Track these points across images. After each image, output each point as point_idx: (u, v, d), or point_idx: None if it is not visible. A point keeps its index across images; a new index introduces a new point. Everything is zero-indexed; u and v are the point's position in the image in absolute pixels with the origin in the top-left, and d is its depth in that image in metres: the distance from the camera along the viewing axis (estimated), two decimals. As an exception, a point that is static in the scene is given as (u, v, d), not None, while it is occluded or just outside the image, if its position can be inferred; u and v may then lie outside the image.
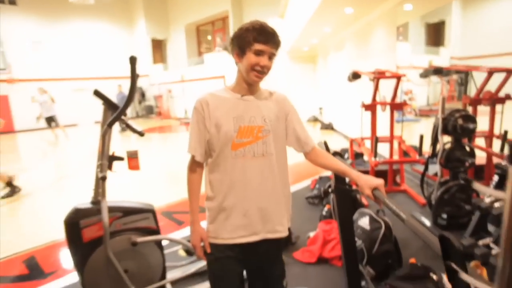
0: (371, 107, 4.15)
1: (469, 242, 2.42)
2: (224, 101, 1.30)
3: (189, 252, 2.53)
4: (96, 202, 1.92)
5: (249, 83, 1.30)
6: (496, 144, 4.45)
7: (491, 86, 4.09)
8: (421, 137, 3.57)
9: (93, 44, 17.11)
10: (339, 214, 1.69)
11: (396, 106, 4.12)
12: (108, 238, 1.85)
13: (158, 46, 19.32)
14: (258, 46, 1.22)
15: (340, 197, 1.67)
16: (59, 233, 2.32)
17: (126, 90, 9.08)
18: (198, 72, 15.74)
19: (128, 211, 2.01)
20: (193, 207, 1.35)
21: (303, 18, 7.27)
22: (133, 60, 1.70)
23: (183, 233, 3.24)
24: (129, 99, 1.76)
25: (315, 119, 12.62)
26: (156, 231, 2.10)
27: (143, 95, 18.63)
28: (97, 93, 1.87)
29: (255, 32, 1.22)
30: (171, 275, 2.30)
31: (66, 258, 2.84)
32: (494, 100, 4.09)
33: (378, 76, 4.02)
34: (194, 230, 1.34)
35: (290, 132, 1.38)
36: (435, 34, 19.14)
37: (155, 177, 5.82)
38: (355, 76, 4.77)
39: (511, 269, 0.53)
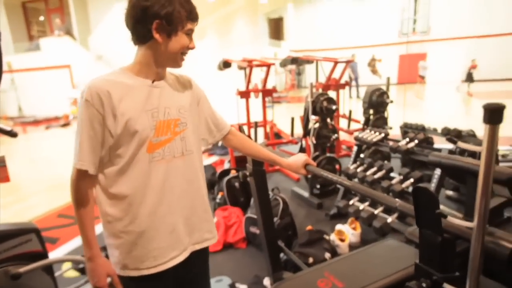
0: (245, 94, 4.39)
1: (343, 204, 2.89)
2: (131, 89, 0.99)
3: (84, 270, 2.15)
4: None
5: (162, 68, 1.05)
6: (343, 122, 5.44)
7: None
8: (292, 120, 4.02)
9: None
10: (258, 195, 1.76)
11: (267, 93, 4.49)
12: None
13: (-36, 26, 14.99)
14: (190, 25, 1.01)
15: (258, 178, 1.74)
16: None
17: None
18: (33, 60, 13.00)
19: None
20: (90, 236, 1.03)
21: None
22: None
23: (62, 251, 2.74)
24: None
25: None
26: (43, 254, 1.70)
27: None
28: None
29: (188, 7, 0.99)
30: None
31: None
32: (339, 85, 4.97)
33: (252, 64, 4.27)
34: (96, 267, 1.03)
35: (202, 122, 1.19)
36: (276, 29, 21.56)
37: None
38: (226, 64, 4.92)
39: (485, 206, 0.66)
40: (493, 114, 0.49)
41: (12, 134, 1.50)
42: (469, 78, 12.68)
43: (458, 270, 0.79)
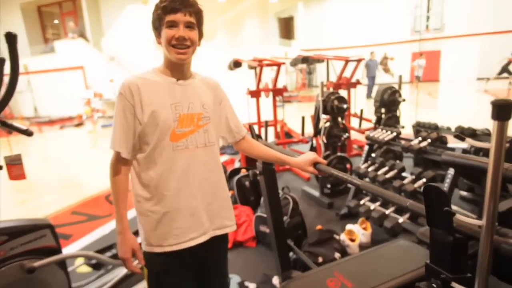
0: (255, 94, 4.39)
1: (354, 203, 2.86)
2: (158, 85, 1.13)
3: (95, 266, 2.19)
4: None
5: (177, 65, 1.14)
6: (353, 121, 5.39)
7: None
8: (303, 119, 4.00)
9: None
10: (268, 194, 1.76)
11: (278, 92, 4.48)
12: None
13: (-17, 29, 15.42)
14: (169, 17, 1.07)
15: (268, 177, 1.74)
16: None
17: None
18: (48, 62, 13.28)
19: (15, 232, 1.60)
20: (121, 212, 1.15)
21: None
22: (12, 38, 1.33)
23: (75, 247, 2.80)
24: (10, 90, 1.37)
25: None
26: (57, 250, 1.74)
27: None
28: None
29: (163, 4, 1.08)
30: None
31: None
32: (350, 84, 4.92)
33: (262, 64, 4.27)
34: (124, 240, 1.15)
35: (223, 121, 1.29)
36: (286, 28, 21.50)
37: (12, 190, 4.74)
38: (236, 64, 4.94)
39: (494, 204, 0.65)
40: (502, 110, 0.48)
41: (28, 133, 1.54)
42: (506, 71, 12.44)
43: (471, 272, 0.77)
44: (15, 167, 1.61)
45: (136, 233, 1.23)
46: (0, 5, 15.21)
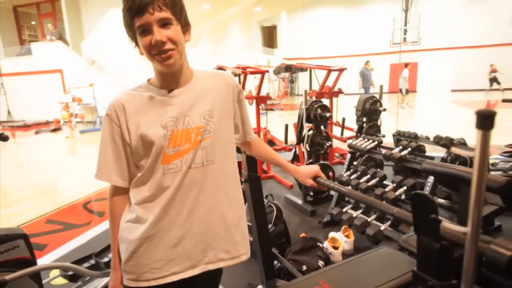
0: (239, 101, 4.39)
1: (337, 211, 2.88)
2: (147, 101, 0.97)
3: (72, 278, 2.09)
4: None
5: (169, 74, 0.97)
6: (336, 130, 5.47)
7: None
8: (286, 127, 4.03)
9: None
10: (253, 201, 1.74)
11: (261, 100, 4.50)
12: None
13: (-45, 29, 14.78)
14: (138, 21, 0.89)
15: (253, 185, 1.73)
16: None
17: None
18: (24, 64, 12.85)
19: (-14, 243, 1.51)
20: (115, 245, 1.04)
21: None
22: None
23: (51, 258, 2.68)
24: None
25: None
26: (31, 261, 1.65)
27: None
28: None
29: (127, 5, 0.88)
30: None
31: None
32: (332, 93, 5.01)
33: (246, 71, 4.28)
34: (112, 276, 1.05)
35: (237, 123, 1.16)
36: (269, 37, 21.78)
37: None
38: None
39: (478, 212, 0.66)
40: (486, 120, 0.49)
41: (2, 137, 1.47)
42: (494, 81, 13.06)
43: (456, 278, 0.79)
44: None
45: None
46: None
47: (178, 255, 0.99)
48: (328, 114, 3.39)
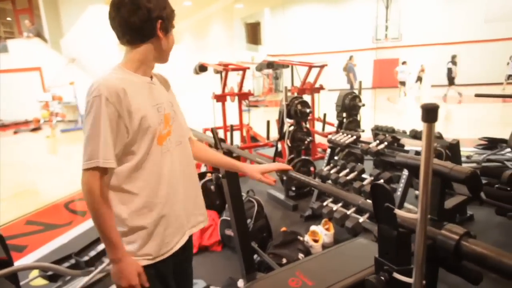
0: (221, 98, 4.40)
1: (318, 205, 2.95)
2: (137, 86, 1.05)
3: (51, 278, 2.08)
4: None
5: (151, 65, 1.12)
6: (317, 126, 5.54)
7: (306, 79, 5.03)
8: (268, 123, 4.07)
9: None
10: (231, 197, 1.77)
11: (243, 96, 4.52)
12: None
13: None
14: (174, 23, 1.14)
15: (231, 180, 1.76)
16: None
17: None
18: (0, 62, 12.44)
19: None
20: (116, 237, 1.00)
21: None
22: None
23: (31, 259, 2.64)
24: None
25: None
26: (7, 262, 1.65)
27: None
28: None
29: (172, 7, 1.10)
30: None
31: None
32: (313, 89, 5.07)
33: (227, 68, 4.29)
34: (127, 265, 1.02)
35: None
36: (253, 34, 21.72)
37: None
38: (202, 68, 4.92)
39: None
40: (430, 113, 0.54)
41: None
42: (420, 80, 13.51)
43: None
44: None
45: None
46: None
47: (179, 225, 1.14)
48: (308, 110, 3.44)
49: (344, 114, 3.99)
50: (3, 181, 5.22)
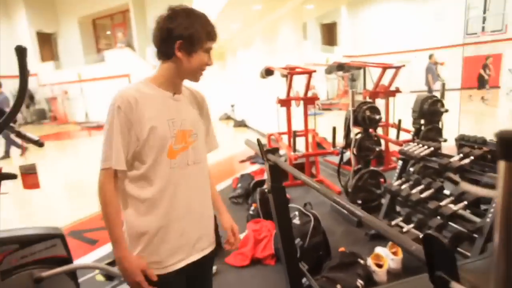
0: (286, 102, 4.27)
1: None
2: (153, 98, 1.10)
3: (109, 277, 2.20)
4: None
5: (179, 82, 1.16)
6: (392, 132, 5.05)
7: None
8: (334, 129, 3.80)
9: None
10: (276, 213, 1.64)
11: (309, 101, 4.32)
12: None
13: (46, 41, 16.88)
14: (209, 44, 1.12)
15: (277, 196, 1.62)
16: None
17: (6, 90, 7.62)
18: (98, 70, 14.28)
19: (26, 241, 1.63)
20: (119, 233, 1.08)
21: (211, 13, 7.14)
22: (21, 51, 1.35)
23: (98, 253, 2.85)
24: (18, 101, 1.40)
25: (228, 117, 12.65)
26: (68, 260, 1.75)
27: (31, 97, 16.03)
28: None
29: (208, 28, 1.10)
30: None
31: None
32: (388, 93, 4.63)
33: (292, 72, 4.15)
34: (130, 263, 1.07)
35: (206, 132, 1.30)
36: (329, 34, 21.09)
37: (57, 193, 5.04)
38: (268, 72, 4.86)
39: (508, 270, 0.49)
40: (510, 147, 0.31)
41: (39, 143, 1.58)
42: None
43: None
44: (30, 176, 1.65)
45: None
46: (60, 19, 16.64)
47: (183, 243, 1.15)
48: (377, 117, 3.11)
49: (422, 121, 3.53)
50: (89, 177, 5.87)
